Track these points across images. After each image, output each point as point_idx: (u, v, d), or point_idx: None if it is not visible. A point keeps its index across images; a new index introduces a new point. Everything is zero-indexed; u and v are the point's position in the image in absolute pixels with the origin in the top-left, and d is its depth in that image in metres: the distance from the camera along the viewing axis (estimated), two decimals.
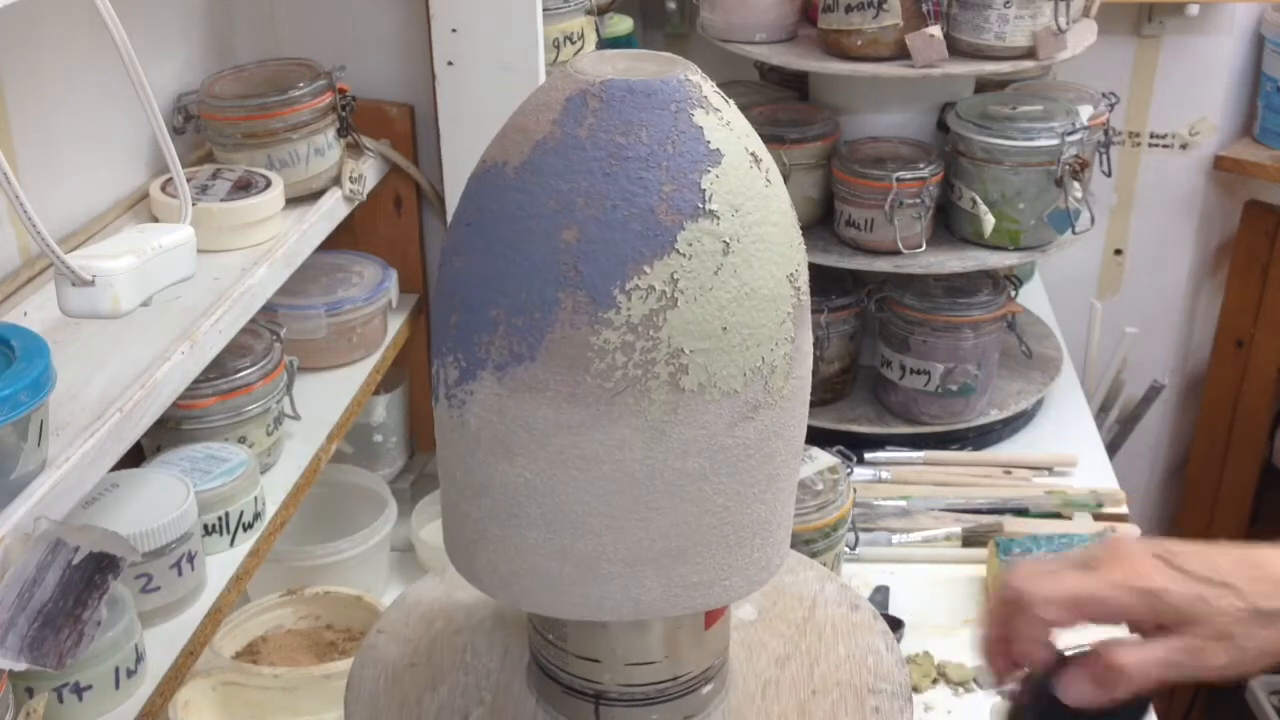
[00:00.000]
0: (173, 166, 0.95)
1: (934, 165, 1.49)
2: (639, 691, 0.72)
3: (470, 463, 0.65)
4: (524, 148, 0.62)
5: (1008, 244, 1.52)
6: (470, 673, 0.78)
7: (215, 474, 1.04)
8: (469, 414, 0.64)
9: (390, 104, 1.35)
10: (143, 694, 0.91)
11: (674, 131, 0.61)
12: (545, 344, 0.61)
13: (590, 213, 0.60)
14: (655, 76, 0.62)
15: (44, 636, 0.76)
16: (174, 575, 0.96)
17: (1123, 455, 2.05)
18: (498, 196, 0.63)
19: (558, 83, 0.63)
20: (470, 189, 0.65)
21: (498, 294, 0.62)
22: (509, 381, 0.62)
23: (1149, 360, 2.14)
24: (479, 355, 0.63)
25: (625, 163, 0.60)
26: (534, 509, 0.64)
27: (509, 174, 0.62)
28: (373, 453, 1.45)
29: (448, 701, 0.76)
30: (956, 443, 1.58)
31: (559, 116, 0.61)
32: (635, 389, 0.61)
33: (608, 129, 0.61)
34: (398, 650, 0.81)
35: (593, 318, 0.60)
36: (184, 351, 0.92)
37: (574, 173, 0.61)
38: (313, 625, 1.30)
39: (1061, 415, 1.66)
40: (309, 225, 1.16)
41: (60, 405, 0.83)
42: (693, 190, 0.61)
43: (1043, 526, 1.41)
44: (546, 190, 0.61)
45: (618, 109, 0.61)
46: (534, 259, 0.61)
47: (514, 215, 0.62)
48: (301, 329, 1.26)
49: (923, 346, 1.52)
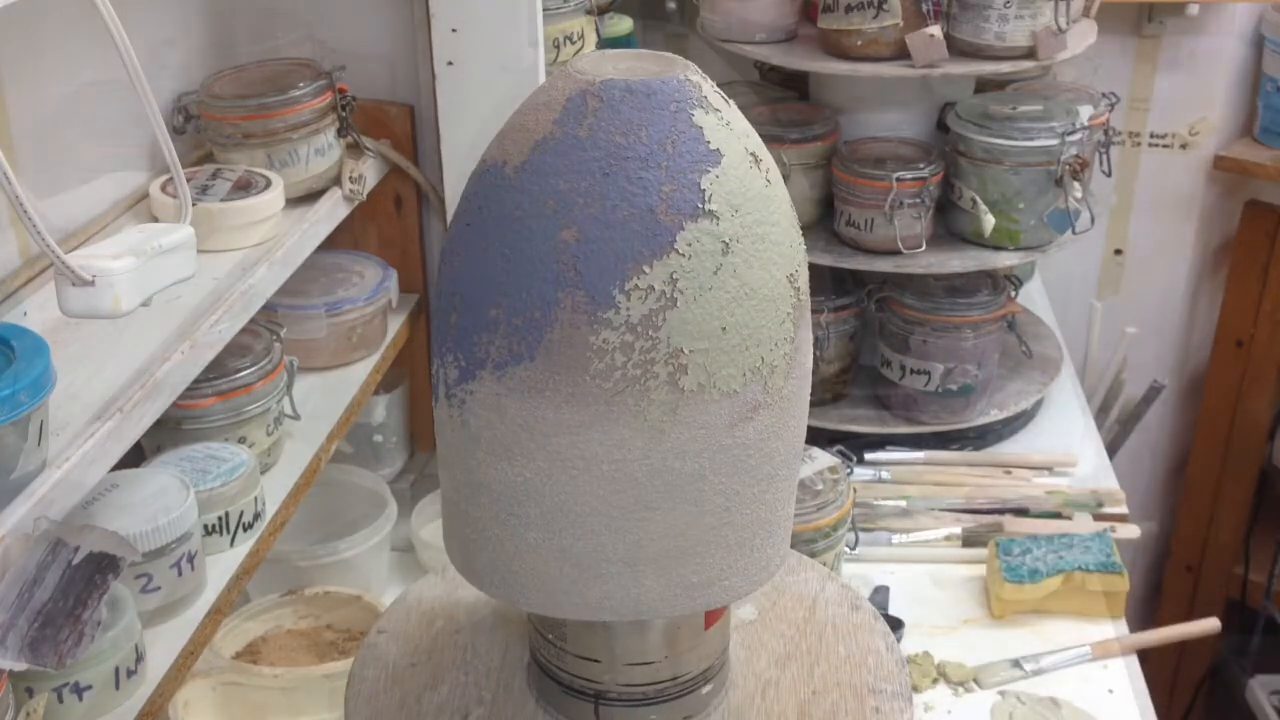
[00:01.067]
0: (173, 166, 0.95)
1: (934, 165, 1.49)
2: (639, 691, 0.72)
3: (470, 463, 0.66)
4: (524, 147, 0.62)
5: (1008, 244, 1.52)
6: (470, 672, 0.78)
7: (215, 474, 1.04)
8: (469, 414, 0.64)
9: (390, 104, 1.35)
10: (143, 694, 0.91)
11: (674, 132, 0.61)
12: (544, 344, 0.61)
13: (590, 212, 0.60)
14: (655, 76, 0.62)
15: (44, 636, 0.76)
16: (174, 575, 0.96)
17: (1123, 455, 2.05)
18: (497, 196, 0.63)
19: (558, 83, 0.63)
20: (470, 189, 0.65)
21: (497, 294, 0.62)
22: (508, 381, 0.62)
23: (1149, 360, 2.14)
24: (478, 355, 0.63)
25: (625, 163, 0.60)
26: (533, 509, 0.64)
27: (509, 174, 0.62)
28: (373, 453, 1.45)
29: (447, 701, 0.76)
30: (956, 443, 1.58)
31: (559, 117, 0.61)
32: (635, 389, 0.61)
33: (607, 129, 0.61)
34: (398, 649, 0.81)
35: (592, 318, 0.60)
36: (184, 351, 0.92)
37: (573, 173, 0.61)
38: (313, 625, 1.30)
39: (1061, 415, 1.66)
40: (309, 225, 1.16)
41: (60, 405, 0.83)
42: (692, 190, 0.61)
43: (1043, 526, 1.41)
44: (546, 190, 0.61)
45: (618, 109, 0.61)
46: (533, 259, 0.61)
47: (513, 215, 0.62)
48: (301, 329, 1.26)
49: (923, 346, 1.52)
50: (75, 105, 1.06)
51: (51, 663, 0.75)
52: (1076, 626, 1.29)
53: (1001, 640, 1.29)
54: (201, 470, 1.04)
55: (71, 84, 1.05)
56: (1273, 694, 2.08)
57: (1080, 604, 1.29)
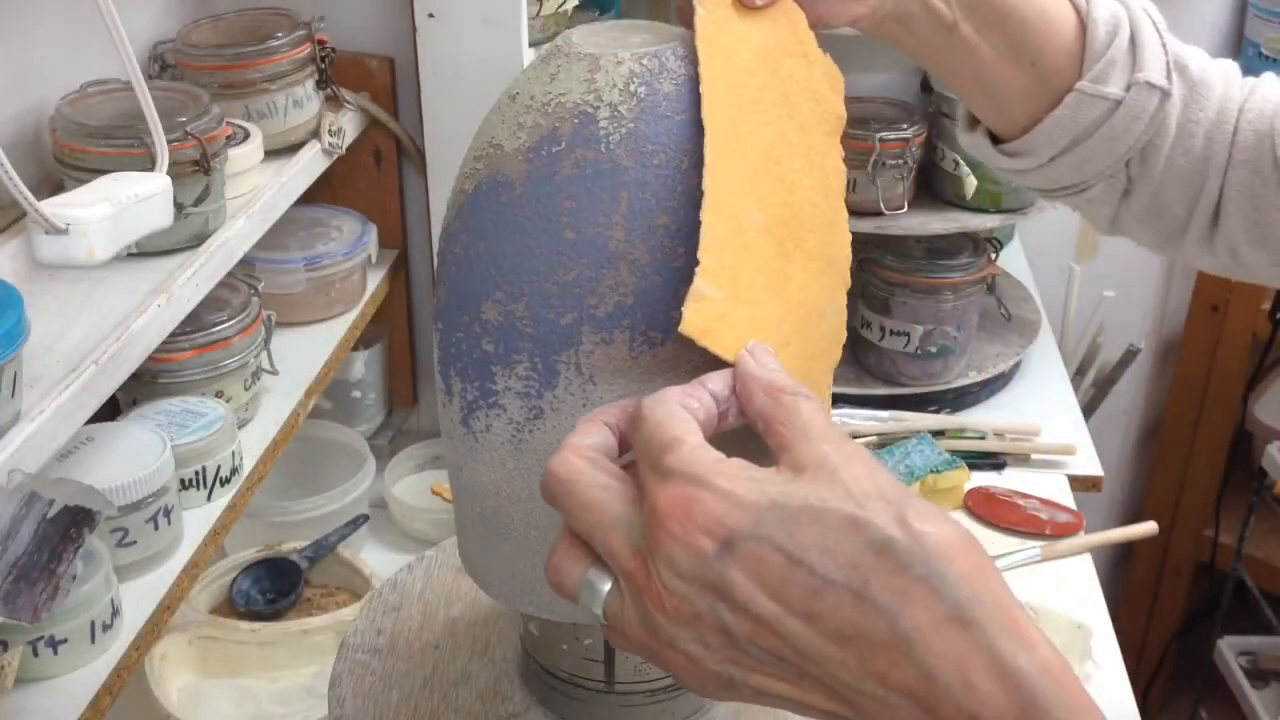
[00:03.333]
0: (149, 115, 0.94)
1: (917, 126, 1.48)
2: (639, 690, 0.71)
3: (518, 486, 0.64)
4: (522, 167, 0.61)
5: (989, 206, 1.51)
6: (470, 672, 0.78)
7: (192, 428, 1.03)
8: (525, 445, 0.63)
9: (370, 56, 1.33)
10: (119, 648, 0.91)
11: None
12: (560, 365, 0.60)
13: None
14: (645, 47, 0.61)
15: (18, 590, 0.75)
16: (150, 530, 0.96)
17: (1098, 418, 2.06)
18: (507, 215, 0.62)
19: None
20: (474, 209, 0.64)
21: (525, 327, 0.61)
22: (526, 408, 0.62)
23: (1125, 324, 2.15)
24: (547, 401, 0.61)
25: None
26: (531, 510, 0.64)
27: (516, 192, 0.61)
28: (351, 409, 1.45)
29: (446, 699, 0.75)
30: (934, 404, 1.58)
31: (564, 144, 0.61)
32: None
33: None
34: (390, 644, 0.80)
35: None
36: (160, 304, 0.91)
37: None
38: None
39: (1038, 378, 1.67)
40: (287, 178, 1.14)
41: (34, 357, 0.82)
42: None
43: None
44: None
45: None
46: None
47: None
48: (279, 283, 1.25)
49: (903, 308, 1.52)
50: (49, 52, 1.04)
51: (26, 616, 0.75)
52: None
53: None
54: (178, 424, 1.03)
55: (45, 30, 1.03)
56: (1240, 655, 2.11)
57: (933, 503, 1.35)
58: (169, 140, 0.95)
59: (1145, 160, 0.80)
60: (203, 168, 0.98)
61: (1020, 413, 1.57)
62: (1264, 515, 2.04)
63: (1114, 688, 1.14)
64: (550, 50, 0.64)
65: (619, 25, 0.65)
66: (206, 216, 1.01)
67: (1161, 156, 0.80)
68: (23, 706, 0.86)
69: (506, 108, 0.63)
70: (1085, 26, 0.78)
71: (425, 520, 1.39)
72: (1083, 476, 1.46)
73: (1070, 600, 1.24)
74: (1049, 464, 1.47)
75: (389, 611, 0.82)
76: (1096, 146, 0.79)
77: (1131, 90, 0.77)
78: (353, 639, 0.80)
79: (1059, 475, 1.45)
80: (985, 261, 1.54)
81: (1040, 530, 1.33)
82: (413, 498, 1.41)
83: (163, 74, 1.17)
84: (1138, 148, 0.79)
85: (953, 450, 1.42)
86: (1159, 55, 0.78)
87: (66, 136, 0.97)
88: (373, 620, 0.81)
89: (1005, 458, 1.47)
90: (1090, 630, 1.20)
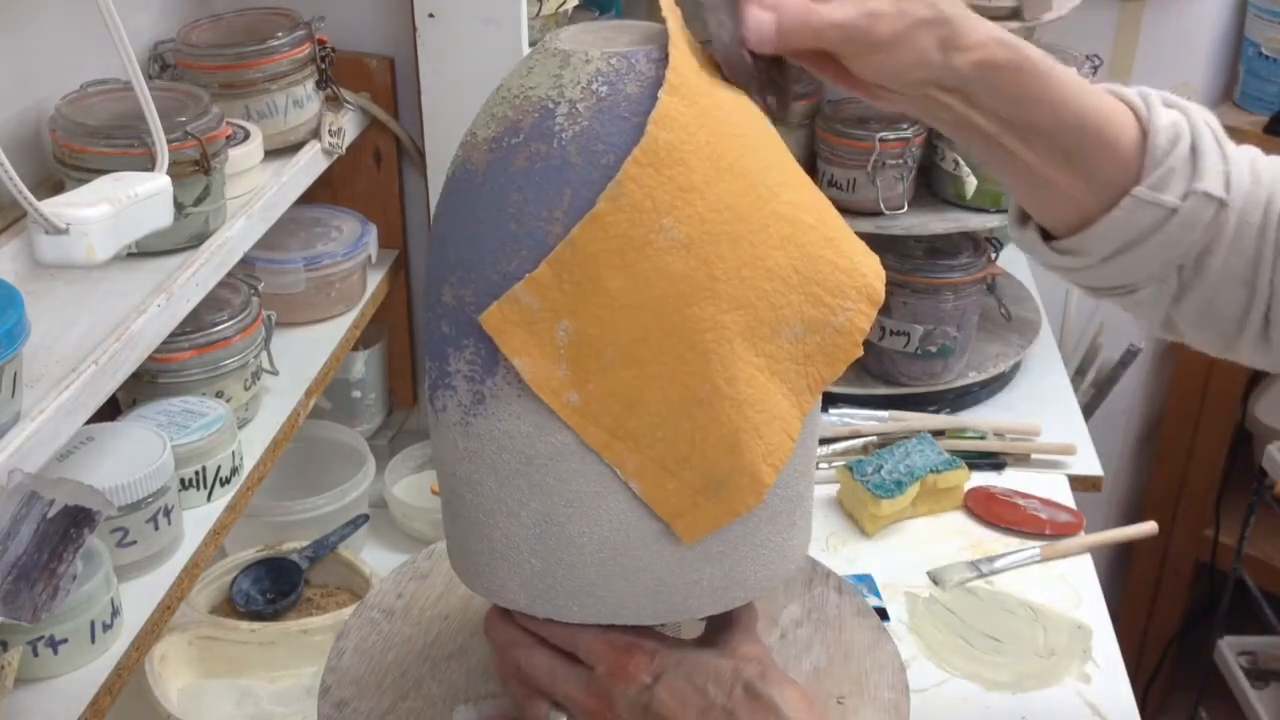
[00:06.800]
0: (149, 115, 0.94)
1: (917, 126, 1.48)
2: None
3: (468, 468, 0.65)
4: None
5: (989, 206, 1.51)
6: (468, 647, 0.78)
7: (192, 428, 1.03)
8: (471, 428, 0.63)
9: (370, 56, 1.33)
10: (118, 648, 0.91)
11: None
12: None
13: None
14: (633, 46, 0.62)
15: (18, 590, 0.75)
16: (150, 529, 0.96)
17: (1098, 418, 2.06)
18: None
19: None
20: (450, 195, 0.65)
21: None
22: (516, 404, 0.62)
23: (1125, 324, 2.14)
24: (488, 387, 0.62)
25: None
26: (480, 494, 0.64)
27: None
28: (351, 409, 1.45)
29: (444, 696, 0.75)
30: (934, 404, 1.58)
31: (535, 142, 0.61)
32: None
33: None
34: (405, 608, 0.81)
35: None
36: (160, 304, 0.91)
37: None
38: None
39: (1038, 378, 1.67)
40: (287, 178, 1.14)
41: (34, 357, 0.82)
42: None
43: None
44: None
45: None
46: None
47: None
48: (280, 283, 1.25)
49: (903, 308, 1.52)
50: (50, 51, 1.04)
51: (26, 616, 0.75)
52: (940, 522, 1.35)
53: (890, 553, 1.30)
54: (178, 424, 1.03)
55: (46, 30, 1.03)
56: (1240, 654, 2.11)
57: (931, 504, 1.35)
58: (169, 140, 0.95)
59: (1200, 266, 0.78)
60: (203, 168, 0.98)
61: (1020, 413, 1.57)
62: (1264, 515, 2.04)
63: (1114, 687, 1.14)
64: (537, 45, 0.64)
65: (611, 25, 0.65)
66: (206, 216, 1.01)
67: (1217, 261, 0.78)
68: (23, 706, 0.86)
69: (490, 99, 0.64)
70: (1146, 133, 0.76)
71: (425, 520, 1.39)
72: (1083, 476, 1.46)
73: (1070, 600, 1.24)
74: (1049, 464, 1.47)
75: (416, 577, 0.83)
76: (1149, 252, 0.77)
77: (1189, 200, 0.76)
78: (374, 597, 0.82)
79: (1059, 475, 1.45)
80: (985, 261, 1.54)
81: (1040, 530, 1.33)
82: (413, 497, 1.41)
83: (163, 74, 1.17)
84: (1191, 255, 0.78)
85: (953, 450, 1.42)
86: (1218, 165, 0.77)
87: (66, 136, 0.97)
88: (398, 583, 0.83)
89: (1005, 458, 1.47)
90: (1090, 630, 1.20)
